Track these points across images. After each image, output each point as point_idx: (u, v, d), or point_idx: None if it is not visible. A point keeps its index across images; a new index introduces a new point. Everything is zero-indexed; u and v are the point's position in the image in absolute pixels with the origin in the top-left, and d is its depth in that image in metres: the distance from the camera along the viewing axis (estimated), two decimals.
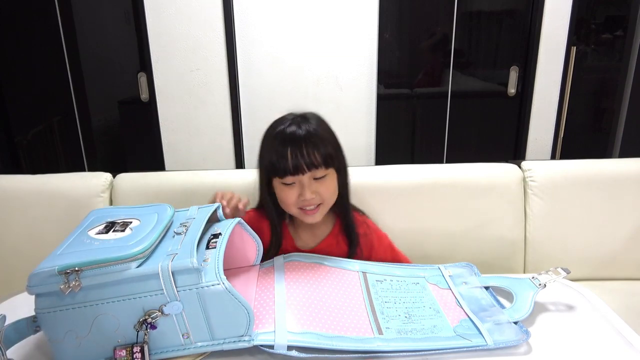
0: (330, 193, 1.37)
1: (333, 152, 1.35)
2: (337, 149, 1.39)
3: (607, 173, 1.98)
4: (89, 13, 2.71)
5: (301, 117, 1.39)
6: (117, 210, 1.15)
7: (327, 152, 1.32)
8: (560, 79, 2.71)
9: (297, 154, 1.30)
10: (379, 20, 2.61)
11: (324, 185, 1.34)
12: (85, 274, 0.91)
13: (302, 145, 1.30)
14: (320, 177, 1.33)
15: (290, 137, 1.33)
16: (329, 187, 1.36)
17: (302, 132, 1.32)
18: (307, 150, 1.30)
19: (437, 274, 1.32)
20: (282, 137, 1.34)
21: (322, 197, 1.35)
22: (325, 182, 1.34)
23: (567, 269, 1.20)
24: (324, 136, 1.35)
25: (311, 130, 1.33)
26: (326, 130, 1.39)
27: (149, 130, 2.76)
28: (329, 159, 1.33)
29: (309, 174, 1.31)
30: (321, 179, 1.33)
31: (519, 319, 1.11)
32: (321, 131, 1.35)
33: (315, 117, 1.41)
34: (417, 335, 1.06)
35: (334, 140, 1.39)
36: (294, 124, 1.35)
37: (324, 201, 1.36)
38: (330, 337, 1.01)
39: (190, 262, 0.92)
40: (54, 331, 0.96)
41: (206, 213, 1.15)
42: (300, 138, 1.31)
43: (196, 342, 0.98)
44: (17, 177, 2.01)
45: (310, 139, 1.31)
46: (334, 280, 1.21)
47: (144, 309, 0.94)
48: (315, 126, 1.35)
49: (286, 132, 1.35)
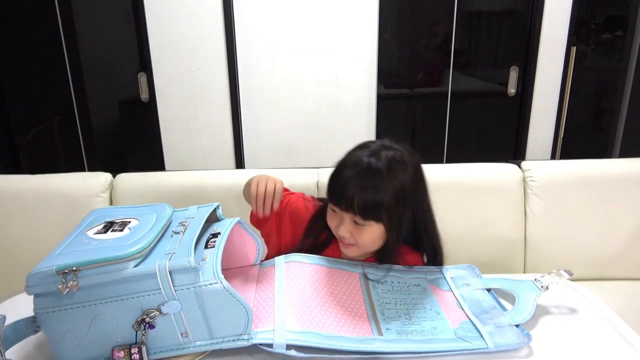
0: (365, 242, 1.26)
1: (386, 207, 1.19)
2: (397, 204, 1.20)
3: (607, 173, 1.98)
4: (89, 13, 2.71)
5: (376, 157, 1.22)
6: (116, 210, 1.15)
7: (375, 207, 1.19)
8: (560, 79, 2.71)
9: (348, 191, 1.19)
10: (379, 20, 2.61)
11: (361, 233, 1.24)
12: (83, 273, 0.91)
13: (356, 187, 1.19)
14: (360, 224, 1.22)
15: (354, 172, 1.21)
16: (365, 237, 1.25)
17: (363, 175, 1.20)
18: (355, 196, 1.18)
19: (439, 276, 1.31)
20: (351, 165, 1.23)
21: (356, 241, 1.26)
22: (363, 230, 1.23)
23: (570, 271, 1.19)
24: (383, 191, 1.19)
25: (373, 174, 1.19)
26: (395, 179, 1.20)
27: (149, 130, 2.76)
28: (374, 214, 1.20)
29: (350, 215, 1.22)
30: (360, 226, 1.23)
31: (521, 322, 1.09)
32: (384, 184, 1.19)
33: (395, 161, 1.22)
34: (418, 336, 1.05)
35: (398, 194, 1.20)
36: (365, 160, 1.21)
37: (358, 245, 1.27)
38: (330, 337, 1.00)
39: (188, 261, 0.92)
40: (53, 331, 0.95)
41: (205, 212, 1.14)
42: (359, 180, 1.19)
43: (195, 341, 0.98)
44: (17, 177, 2.01)
45: (367, 185, 1.19)
46: (335, 280, 1.21)
47: (142, 308, 0.94)
48: (381, 175, 1.19)
49: (355, 164, 1.23)
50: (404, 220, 1.25)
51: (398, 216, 1.23)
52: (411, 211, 1.26)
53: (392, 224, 1.23)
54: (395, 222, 1.23)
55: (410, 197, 1.23)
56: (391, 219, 1.22)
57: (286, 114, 2.74)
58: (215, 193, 1.96)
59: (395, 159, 1.21)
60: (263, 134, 2.78)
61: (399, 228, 1.25)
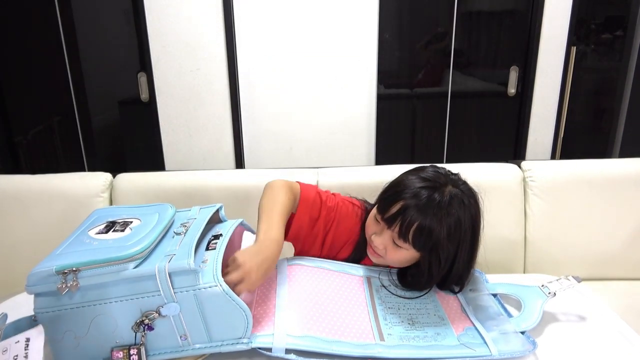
0: (394, 260, 1.25)
1: (434, 242, 1.17)
2: (447, 245, 1.18)
3: (607, 173, 1.98)
4: (89, 13, 2.71)
5: (443, 186, 1.20)
6: (119, 210, 1.15)
7: (424, 238, 1.17)
8: (560, 79, 2.71)
9: (400, 213, 1.18)
10: (379, 20, 2.61)
11: (395, 252, 1.23)
12: (83, 274, 0.91)
13: (411, 211, 1.17)
14: (398, 245, 1.21)
15: (413, 196, 1.18)
16: (397, 256, 1.24)
17: (423, 203, 1.17)
18: (409, 220, 1.17)
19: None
20: (411, 190, 1.20)
21: (385, 255, 1.25)
22: (398, 250, 1.22)
23: (578, 277, 1.18)
24: (439, 224, 1.16)
25: (431, 208, 1.16)
26: (451, 219, 1.17)
27: (149, 130, 2.76)
28: (419, 243, 1.18)
29: (392, 233, 1.21)
30: (398, 246, 1.22)
31: (527, 329, 1.08)
32: (440, 217, 1.16)
33: (458, 197, 1.20)
34: (420, 342, 1.04)
35: (451, 233, 1.18)
36: (431, 190, 1.19)
37: (385, 260, 1.26)
38: (330, 341, 1.00)
39: (187, 263, 0.92)
40: (52, 331, 0.96)
41: (207, 214, 1.14)
42: (415, 207, 1.17)
43: (194, 344, 0.98)
44: (17, 177, 2.01)
45: (421, 216, 1.16)
46: (337, 284, 1.20)
47: (141, 310, 0.94)
48: (442, 207, 1.16)
49: (417, 188, 1.20)
50: (443, 257, 1.21)
51: (439, 253, 1.19)
52: (455, 251, 1.22)
53: (431, 256, 1.20)
54: (434, 256, 1.20)
55: (462, 238, 1.20)
56: (432, 253, 1.19)
57: (286, 113, 2.74)
58: (215, 193, 1.96)
59: (458, 196, 1.19)
60: (263, 134, 2.77)
61: (437, 261, 1.21)
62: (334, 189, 1.88)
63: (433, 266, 1.21)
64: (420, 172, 1.25)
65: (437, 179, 1.22)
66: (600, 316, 1.16)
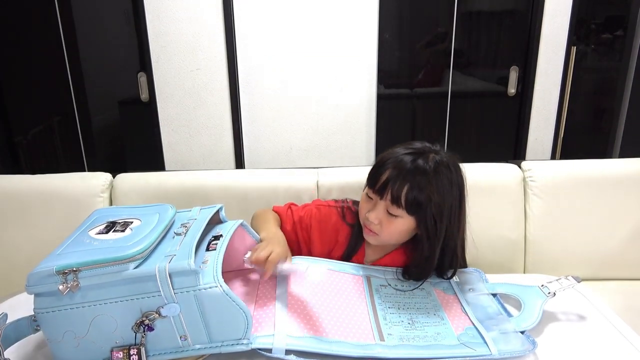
0: (391, 232, 1.30)
1: (426, 203, 1.24)
2: (438, 207, 1.25)
3: (607, 173, 1.98)
4: (89, 13, 2.71)
5: (427, 153, 1.28)
6: (119, 210, 1.15)
7: (416, 199, 1.23)
8: (560, 79, 2.71)
9: (390, 179, 1.25)
10: (379, 20, 2.61)
11: (390, 223, 1.28)
12: (83, 274, 0.91)
13: (399, 176, 1.25)
14: (393, 214, 1.27)
15: (399, 162, 1.27)
16: (392, 227, 1.29)
17: (409, 166, 1.25)
18: (399, 184, 1.24)
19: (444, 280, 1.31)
20: (396, 157, 1.28)
21: (381, 230, 1.30)
22: (393, 221, 1.28)
23: (578, 277, 1.18)
24: (428, 184, 1.23)
25: (418, 170, 1.24)
26: (439, 181, 1.25)
27: (149, 130, 2.76)
28: (412, 206, 1.24)
29: (385, 203, 1.27)
30: (392, 216, 1.27)
31: (526, 328, 1.08)
32: (429, 178, 1.24)
33: (443, 162, 1.28)
34: (420, 342, 1.04)
35: (443, 196, 1.26)
36: (415, 155, 1.27)
37: (381, 235, 1.31)
38: (330, 342, 1.00)
39: (188, 263, 0.92)
40: (52, 331, 0.96)
41: (208, 214, 1.14)
42: (402, 171, 1.25)
43: (194, 345, 0.98)
44: (17, 177, 2.01)
45: (409, 178, 1.24)
46: (337, 284, 1.21)
47: (141, 310, 0.94)
48: (428, 170, 1.24)
49: (402, 155, 1.28)
50: (437, 225, 1.26)
51: (433, 217, 1.25)
52: (448, 221, 1.28)
53: (425, 223, 1.26)
54: (429, 223, 1.25)
55: (452, 204, 1.28)
56: (425, 217, 1.25)
57: (286, 113, 2.74)
58: (215, 193, 1.95)
59: (443, 161, 1.27)
60: (263, 134, 2.77)
61: (432, 229, 1.26)
62: (334, 189, 1.88)
63: (430, 236, 1.27)
64: (404, 145, 1.34)
65: (421, 148, 1.30)
66: (600, 316, 1.16)
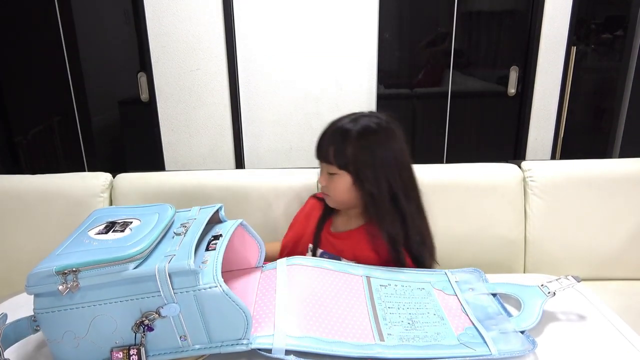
0: (336, 190, 1.44)
1: (353, 158, 1.37)
2: (365, 161, 1.37)
3: (607, 173, 1.98)
4: (89, 13, 2.71)
5: (359, 117, 1.43)
6: (118, 210, 1.15)
7: (344, 154, 1.38)
8: (560, 79, 2.71)
9: (322, 142, 1.44)
10: (379, 20, 2.61)
11: (332, 182, 1.43)
12: (83, 274, 0.91)
13: (328, 137, 1.42)
14: (332, 173, 1.42)
15: (329, 127, 1.45)
16: (334, 185, 1.43)
17: (336, 128, 1.42)
18: (327, 145, 1.41)
19: (444, 280, 1.30)
20: (329, 124, 1.46)
21: (329, 191, 1.46)
22: (334, 180, 1.42)
23: (578, 277, 1.18)
24: (354, 141, 1.37)
25: (344, 131, 1.40)
26: (367, 139, 1.38)
27: (149, 130, 2.76)
28: (343, 162, 1.39)
29: (323, 164, 1.45)
30: (333, 175, 1.42)
31: (526, 328, 1.08)
32: (356, 135, 1.37)
33: (372, 122, 1.40)
34: (420, 342, 1.04)
35: (368, 151, 1.38)
36: (345, 119, 1.43)
37: (330, 195, 1.47)
38: (330, 342, 1.00)
39: (187, 263, 0.92)
40: (52, 331, 0.95)
41: (207, 214, 1.14)
42: (331, 132, 1.43)
43: (194, 345, 0.98)
44: (17, 177, 2.01)
45: (335, 137, 1.41)
46: (337, 284, 1.20)
47: (141, 310, 0.94)
48: (355, 130, 1.38)
49: (334, 120, 1.46)
50: (374, 178, 1.38)
51: (362, 169, 1.38)
52: (385, 179, 1.39)
53: (359, 177, 1.39)
54: (362, 175, 1.39)
55: (378, 157, 1.39)
56: (357, 170, 1.39)
57: (286, 114, 2.74)
58: (215, 193, 1.96)
59: (369, 125, 1.40)
60: (263, 134, 2.78)
61: (367, 187, 1.39)
62: None
63: (373, 195, 1.39)
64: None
65: (354, 114, 1.46)
66: (600, 316, 1.16)
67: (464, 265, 1.38)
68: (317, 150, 1.46)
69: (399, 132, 1.43)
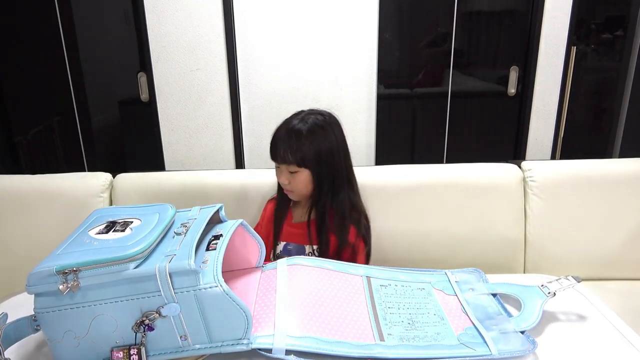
0: (299, 186, 1.61)
1: (311, 156, 1.56)
2: (319, 155, 1.57)
3: (607, 173, 1.98)
4: (89, 13, 2.71)
5: (305, 115, 1.62)
6: (119, 210, 1.15)
7: (302, 154, 1.55)
8: (560, 79, 2.71)
9: (278, 146, 1.58)
10: (379, 20, 2.61)
11: (295, 179, 1.60)
12: (84, 274, 0.91)
13: (284, 141, 1.57)
14: (293, 171, 1.59)
15: (282, 131, 1.60)
16: (297, 181, 1.60)
17: (289, 130, 1.58)
18: (284, 148, 1.56)
19: (444, 280, 1.29)
20: (279, 127, 1.63)
21: (292, 187, 1.63)
22: (296, 177, 1.59)
23: (578, 277, 1.18)
24: (307, 140, 1.56)
25: (296, 132, 1.56)
26: (317, 135, 1.57)
27: (149, 130, 2.76)
28: (302, 160, 1.56)
29: (284, 166, 1.60)
30: (294, 173, 1.59)
31: (526, 328, 1.07)
32: (307, 134, 1.56)
33: (318, 119, 1.60)
34: (420, 342, 1.04)
35: (320, 145, 1.57)
36: (294, 120, 1.60)
37: (294, 191, 1.63)
38: (330, 342, 1.00)
39: (188, 263, 0.92)
40: (52, 331, 0.96)
41: (208, 214, 1.14)
42: (285, 135, 1.58)
43: (194, 345, 0.98)
44: (17, 177, 2.01)
45: (290, 139, 1.56)
46: (337, 284, 1.20)
47: (141, 310, 0.94)
48: (306, 128, 1.56)
49: (283, 124, 1.63)
50: (324, 168, 1.59)
51: (320, 164, 1.57)
52: (336, 165, 1.61)
53: (317, 170, 1.58)
54: (320, 169, 1.58)
55: (329, 149, 1.59)
56: (316, 165, 1.57)
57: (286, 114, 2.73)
58: (215, 193, 1.96)
59: (317, 122, 1.59)
60: (263, 134, 2.77)
61: (323, 175, 1.59)
62: None
63: (330, 180, 1.60)
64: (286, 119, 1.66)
65: (299, 113, 1.65)
66: (600, 316, 1.16)
67: (464, 265, 1.38)
68: (273, 153, 1.61)
69: (339, 124, 1.67)
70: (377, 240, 1.93)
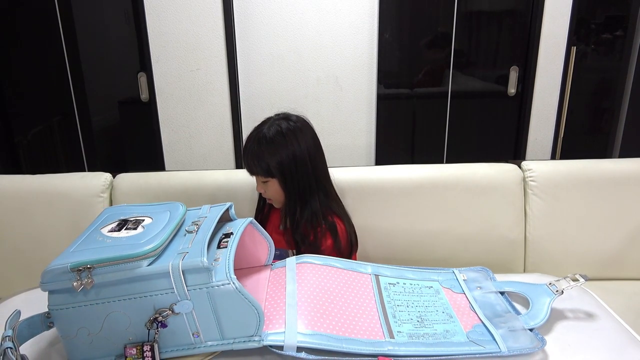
0: (273, 194, 1.65)
1: (275, 165, 1.57)
2: (281, 164, 1.57)
3: (607, 173, 1.99)
4: (89, 13, 2.71)
5: (272, 123, 1.61)
6: (130, 208, 1.15)
7: (266, 164, 1.57)
8: (560, 79, 2.72)
9: (246, 160, 1.62)
10: (379, 20, 2.61)
11: (268, 188, 1.63)
12: (97, 271, 0.91)
13: (248, 155, 1.60)
14: (264, 181, 1.62)
15: (249, 140, 1.61)
16: (271, 189, 1.63)
17: (254, 139, 1.59)
18: (250, 161, 1.60)
19: (452, 278, 1.30)
20: (248, 136, 1.63)
21: (268, 195, 1.66)
22: (268, 186, 1.63)
23: (586, 276, 1.19)
24: (269, 150, 1.56)
25: (259, 141, 1.58)
26: (277, 144, 1.57)
27: (149, 130, 2.76)
28: (267, 170, 1.58)
29: (255, 177, 1.65)
30: (266, 182, 1.62)
31: (535, 326, 1.08)
32: (267, 144, 1.57)
33: (281, 127, 1.59)
34: (429, 340, 1.04)
35: (281, 155, 1.57)
36: (262, 127, 1.61)
37: (273, 198, 1.67)
38: (340, 339, 1.00)
39: (201, 261, 0.92)
40: (66, 328, 0.96)
41: (218, 212, 1.15)
42: (251, 145, 1.59)
43: (206, 341, 0.98)
44: (17, 177, 2.01)
45: (254, 149, 1.58)
46: (346, 282, 1.21)
47: (154, 307, 0.94)
48: (268, 138, 1.57)
49: (251, 133, 1.63)
50: (291, 177, 1.59)
51: (286, 171, 1.58)
52: (303, 173, 1.60)
53: (283, 179, 1.59)
54: (286, 177, 1.58)
55: (292, 156, 1.57)
56: (281, 175, 1.58)
57: None
58: (215, 193, 1.96)
59: (279, 130, 1.58)
60: None
61: (289, 183, 1.60)
62: None
63: (297, 187, 1.60)
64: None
65: (266, 121, 1.64)
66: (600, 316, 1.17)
67: (464, 265, 1.38)
68: (244, 166, 1.64)
69: (307, 129, 1.65)
70: (377, 240, 1.94)
